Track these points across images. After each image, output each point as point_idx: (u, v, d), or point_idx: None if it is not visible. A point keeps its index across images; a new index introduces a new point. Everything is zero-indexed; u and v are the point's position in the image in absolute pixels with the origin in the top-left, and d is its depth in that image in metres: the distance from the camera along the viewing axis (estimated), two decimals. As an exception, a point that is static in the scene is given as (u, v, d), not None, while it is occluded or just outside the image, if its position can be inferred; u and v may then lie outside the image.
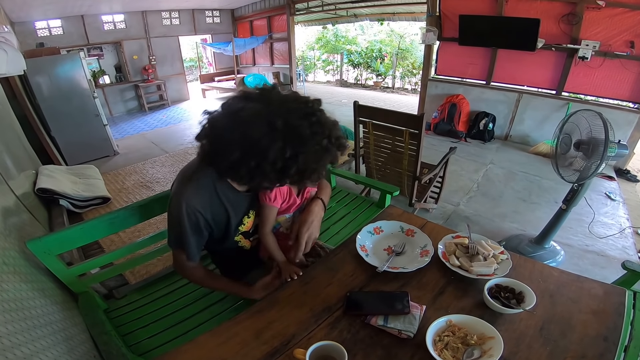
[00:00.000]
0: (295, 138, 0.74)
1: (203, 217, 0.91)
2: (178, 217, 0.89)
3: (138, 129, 5.85)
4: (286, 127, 0.73)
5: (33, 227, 1.87)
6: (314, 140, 0.76)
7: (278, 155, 0.73)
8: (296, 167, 0.76)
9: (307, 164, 0.76)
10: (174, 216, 0.91)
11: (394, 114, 2.19)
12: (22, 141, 2.92)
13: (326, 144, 0.79)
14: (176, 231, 0.93)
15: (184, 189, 0.90)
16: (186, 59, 10.16)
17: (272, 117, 0.74)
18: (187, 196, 0.88)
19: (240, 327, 0.82)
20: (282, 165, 0.75)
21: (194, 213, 0.89)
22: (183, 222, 0.89)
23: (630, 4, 3.19)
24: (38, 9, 5.20)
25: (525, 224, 2.59)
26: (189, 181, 0.91)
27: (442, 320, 0.77)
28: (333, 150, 0.82)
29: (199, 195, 0.90)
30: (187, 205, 0.88)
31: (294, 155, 0.75)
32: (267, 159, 0.74)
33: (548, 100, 4.05)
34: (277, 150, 0.73)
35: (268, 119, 0.74)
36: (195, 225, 0.92)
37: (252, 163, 0.74)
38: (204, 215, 0.91)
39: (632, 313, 0.84)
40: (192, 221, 0.90)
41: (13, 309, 0.84)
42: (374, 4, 6.33)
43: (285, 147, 0.74)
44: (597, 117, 1.64)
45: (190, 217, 0.89)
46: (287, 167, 0.75)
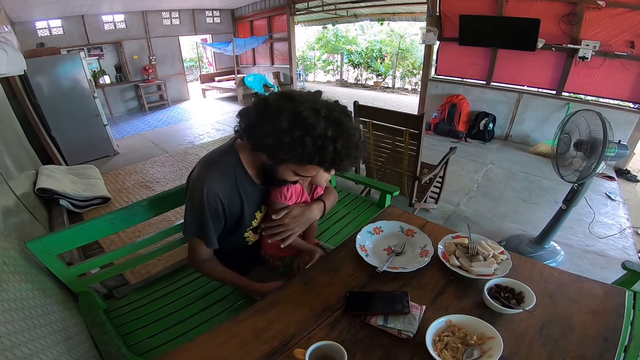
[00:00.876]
0: (335, 124, 0.83)
1: (222, 205, 0.95)
2: (200, 201, 0.92)
3: (138, 129, 5.86)
4: (328, 115, 0.83)
5: (33, 227, 1.87)
6: (350, 131, 0.85)
7: (321, 133, 0.80)
8: (333, 148, 0.82)
9: (343, 148, 0.83)
10: (194, 201, 0.93)
11: (394, 114, 2.19)
12: (22, 141, 2.92)
13: (357, 138, 0.88)
14: (196, 217, 0.95)
15: (207, 173, 0.93)
16: (186, 59, 10.18)
17: (317, 105, 0.84)
18: (209, 181, 0.91)
19: (240, 327, 0.82)
20: (322, 143, 0.81)
21: (215, 199, 0.92)
22: (204, 207, 0.92)
23: (631, 4, 3.19)
24: (38, 9, 5.20)
25: (526, 224, 2.59)
26: (212, 166, 0.94)
27: (442, 321, 0.77)
28: (362, 147, 0.91)
29: (221, 182, 0.93)
30: (209, 190, 0.91)
31: (334, 138, 0.81)
32: (311, 133, 0.80)
33: (548, 101, 4.05)
34: (321, 128, 0.80)
35: (314, 106, 0.83)
36: (215, 212, 0.94)
37: (297, 134, 0.80)
38: (223, 202, 0.95)
39: (632, 313, 0.84)
40: (212, 207, 0.93)
41: (13, 309, 0.84)
42: (374, 4, 6.33)
43: (327, 128, 0.81)
44: (597, 117, 1.64)
45: (210, 203, 0.92)
46: (326, 146, 0.81)
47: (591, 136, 1.67)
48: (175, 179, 3.55)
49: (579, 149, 1.73)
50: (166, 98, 7.45)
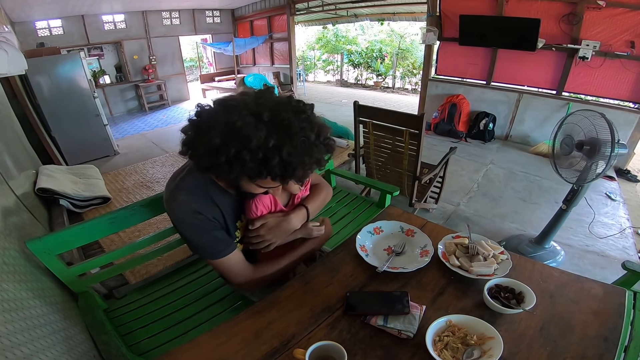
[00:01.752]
0: (281, 129, 0.72)
1: (206, 217, 0.87)
2: (189, 226, 0.86)
3: (138, 129, 5.86)
4: (272, 118, 0.72)
5: (33, 226, 1.87)
6: (301, 134, 0.73)
7: (260, 144, 0.70)
8: (279, 158, 0.71)
9: (291, 156, 0.72)
10: (185, 229, 0.88)
11: (394, 114, 2.19)
12: (22, 141, 2.92)
13: (313, 139, 0.76)
14: (200, 241, 0.89)
15: (175, 198, 0.87)
16: (186, 59, 10.17)
17: (259, 108, 0.73)
18: (181, 203, 0.85)
19: (240, 327, 0.82)
20: (263, 155, 0.71)
21: (196, 216, 0.85)
22: (194, 226, 0.86)
23: (631, 4, 3.19)
24: (38, 9, 5.20)
25: (526, 224, 2.59)
26: (176, 191, 0.88)
27: (442, 321, 0.77)
28: (320, 148, 0.78)
29: (193, 200, 0.87)
30: (186, 211, 0.85)
31: (277, 146, 0.71)
32: (247, 147, 0.70)
33: (548, 101, 4.05)
34: (260, 139, 0.70)
35: (255, 110, 0.73)
36: (204, 224, 0.87)
37: (232, 150, 0.70)
38: (206, 215, 0.88)
39: (632, 313, 0.84)
40: (199, 221, 0.86)
41: (13, 309, 0.84)
42: (374, 4, 6.33)
43: (268, 137, 0.70)
44: (600, 117, 1.63)
45: (196, 219, 0.86)
46: (269, 158, 0.71)
47: (595, 137, 1.65)
48: (175, 179, 3.55)
49: (581, 150, 1.72)
50: (166, 98, 7.45)
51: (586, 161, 1.74)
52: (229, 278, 0.98)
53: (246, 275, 0.97)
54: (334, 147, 0.85)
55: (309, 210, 1.06)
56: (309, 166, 0.76)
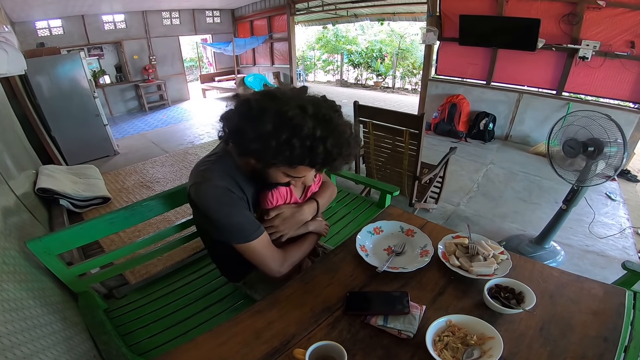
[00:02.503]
0: (324, 122, 0.78)
1: (238, 196, 0.89)
2: (222, 205, 0.86)
3: (138, 129, 5.86)
4: (316, 112, 0.78)
5: (33, 226, 1.87)
6: (340, 128, 0.81)
7: (309, 133, 0.76)
8: (323, 148, 0.77)
9: (334, 147, 0.79)
10: (217, 209, 0.87)
11: (394, 114, 2.19)
12: (22, 141, 2.92)
13: (349, 134, 0.83)
14: (233, 221, 0.88)
15: (208, 178, 0.88)
16: (186, 58, 10.17)
17: (304, 102, 0.79)
18: (214, 182, 0.87)
19: (240, 327, 0.82)
20: (310, 144, 0.77)
21: (229, 194, 0.87)
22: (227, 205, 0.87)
23: (631, 4, 3.19)
24: (38, 9, 5.20)
25: (526, 224, 2.59)
26: (207, 172, 0.90)
27: (442, 321, 0.77)
28: (353, 143, 0.85)
29: (225, 180, 0.89)
30: (216, 187, 0.86)
31: (323, 137, 0.77)
32: (298, 135, 0.76)
33: (548, 101, 4.05)
34: (309, 129, 0.76)
35: (300, 104, 0.78)
36: (237, 203, 0.88)
37: (284, 136, 0.75)
38: (238, 194, 0.89)
39: (632, 313, 0.84)
40: (232, 200, 0.87)
41: (13, 309, 0.84)
42: (374, 4, 6.33)
43: (315, 127, 0.76)
44: (607, 119, 1.62)
45: (229, 197, 0.87)
46: (315, 147, 0.77)
47: (601, 139, 1.63)
48: (175, 179, 3.55)
49: (585, 152, 1.70)
50: (166, 98, 7.45)
51: (590, 163, 1.72)
52: (264, 263, 0.96)
53: (280, 258, 0.98)
54: (361, 144, 0.91)
55: (319, 204, 1.11)
56: (345, 157, 0.84)
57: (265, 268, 0.97)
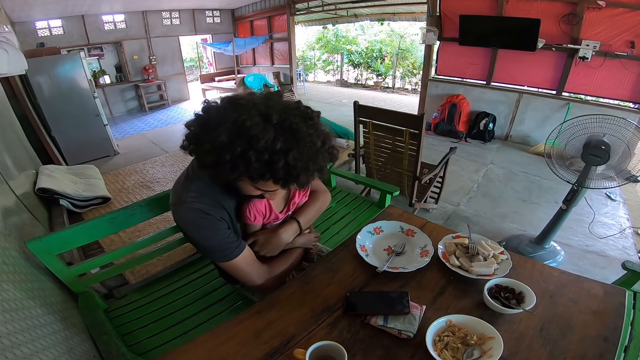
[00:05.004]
0: (289, 133, 0.72)
1: (215, 217, 0.87)
2: (199, 227, 0.85)
3: (138, 129, 5.86)
4: (281, 121, 0.72)
5: (33, 226, 1.87)
6: (308, 139, 0.73)
7: (267, 146, 0.69)
8: (284, 162, 0.70)
9: (297, 161, 0.71)
10: (195, 232, 0.86)
11: (394, 114, 2.19)
12: (22, 141, 2.92)
13: (319, 146, 0.75)
14: (210, 243, 0.87)
15: (183, 201, 0.86)
16: (186, 59, 10.17)
17: (269, 110, 0.72)
18: (189, 204, 0.85)
19: (240, 327, 0.82)
20: (269, 157, 0.69)
21: (205, 217, 0.85)
22: (204, 228, 0.85)
23: (631, 4, 3.19)
24: (38, 9, 5.20)
25: (526, 224, 2.59)
26: (184, 192, 0.87)
27: (442, 321, 0.77)
28: (325, 156, 0.78)
29: (201, 201, 0.86)
30: (194, 213, 0.84)
31: (284, 150, 0.70)
32: (254, 147, 0.68)
33: (548, 101, 4.05)
34: (267, 141, 0.69)
35: (264, 111, 0.72)
36: (214, 224, 0.86)
37: (238, 149, 0.69)
38: (215, 216, 0.87)
39: (632, 313, 0.84)
40: (209, 222, 0.85)
41: (13, 309, 0.84)
42: (374, 4, 6.33)
43: (276, 139, 0.69)
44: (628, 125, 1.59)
45: (205, 220, 0.85)
46: (275, 160, 0.70)
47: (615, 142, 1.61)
48: (175, 179, 3.53)
49: (597, 155, 1.66)
50: (166, 98, 7.44)
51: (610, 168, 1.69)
52: (248, 279, 0.96)
53: (263, 274, 0.98)
54: (337, 156, 0.85)
55: (300, 224, 1.07)
56: (312, 172, 0.75)
57: (246, 281, 0.98)
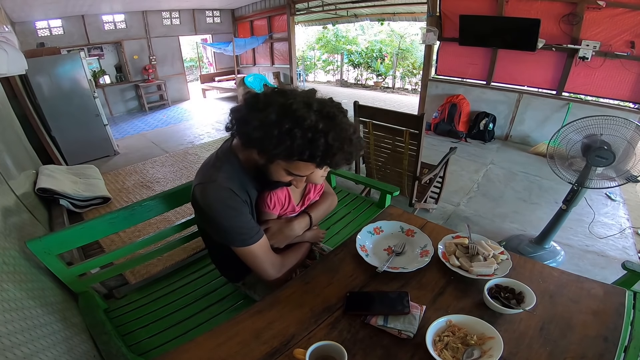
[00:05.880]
0: (327, 118, 0.80)
1: (241, 199, 0.90)
2: (225, 207, 0.87)
3: (138, 129, 5.86)
4: (320, 109, 0.81)
5: (33, 226, 1.87)
6: (343, 125, 0.82)
7: (311, 125, 0.77)
8: (325, 141, 0.78)
9: (335, 141, 0.79)
10: (219, 211, 0.88)
11: (394, 114, 2.19)
12: (22, 141, 2.92)
13: (351, 133, 0.84)
14: (233, 224, 0.89)
15: (213, 176, 0.89)
16: (186, 59, 10.17)
17: (309, 99, 0.82)
18: (219, 181, 0.88)
19: (240, 327, 0.82)
20: (312, 135, 0.77)
21: (233, 196, 0.88)
22: (229, 208, 0.88)
23: (631, 4, 3.19)
24: (39, 9, 5.20)
25: (526, 224, 2.59)
26: (215, 170, 0.91)
27: (442, 321, 0.77)
28: (356, 143, 0.86)
29: (230, 182, 0.89)
30: (221, 188, 0.88)
31: (324, 130, 0.78)
32: (300, 125, 0.77)
33: (548, 101, 4.04)
34: (312, 121, 0.77)
35: (305, 100, 0.81)
36: (239, 206, 0.89)
37: (286, 126, 0.77)
38: (241, 197, 0.90)
39: (632, 313, 0.84)
40: (235, 202, 0.89)
41: (13, 309, 0.84)
42: (374, 4, 6.33)
43: (318, 121, 0.78)
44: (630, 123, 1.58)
45: (232, 200, 0.88)
46: (316, 139, 0.78)
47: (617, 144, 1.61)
48: (175, 179, 3.55)
49: (603, 156, 1.65)
50: (166, 98, 7.44)
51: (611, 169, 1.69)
52: (261, 267, 0.97)
53: (277, 265, 1.00)
54: (364, 148, 0.91)
55: (312, 218, 1.11)
56: (346, 155, 0.84)
57: (262, 272, 0.98)
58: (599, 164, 1.70)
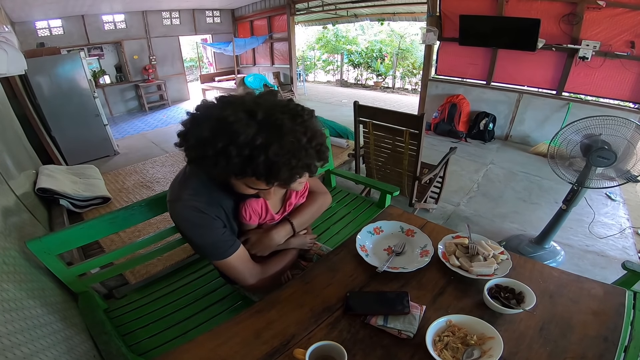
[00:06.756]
0: (272, 129, 0.71)
1: (210, 216, 0.87)
2: (193, 225, 0.86)
3: (138, 129, 5.86)
4: (266, 118, 0.72)
5: (33, 226, 1.87)
6: (291, 135, 0.72)
7: (247, 141, 0.69)
8: (264, 157, 0.69)
9: (277, 156, 0.70)
10: (189, 229, 0.87)
11: (394, 114, 2.19)
12: (22, 141, 2.92)
13: (304, 142, 0.74)
14: (204, 242, 0.88)
15: (180, 198, 0.87)
16: (186, 58, 10.17)
17: (255, 107, 0.73)
18: (185, 202, 0.85)
19: (240, 327, 0.82)
20: (249, 152, 0.70)
21: (200, 215, 0.85)
22: (198, 226, 0.86)
23: (631, 4, 3.19)
24: (39, 9, 5.20)
25: (526, 224, 2.59)
26: (181, 190, 0.88)
27: (442, 321, 0.77)
28: (310, 153, 0.76)
29: (197, 199, 0.86)
30: (190, 211, 0.85)
31: (264, 145, 0.70)
32: (234, 142, 0.69)
33: (548, 101, 4.05)
34: (248, 135, 0.69)
35: (250, 108, 0.73)
36: (209, 223, 0.87)
37: (220, 144, 0.70)
38: (210, 214, 0.87)
39: (632, 313, 0.84)
40: (204, 220, 0.86)
41: (13, 309, 0.84)
42: (374, 4, 6.33)
43: (257, 134, 0.70)
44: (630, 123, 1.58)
45: (200, 218, 0.86)
46: (254, 155, 0.70)
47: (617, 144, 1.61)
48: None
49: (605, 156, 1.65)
50: (166, 98, 7.44)
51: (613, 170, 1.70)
52: (240, 278, 0.97)
53: (257, 274, 0.99)
54: (327, 156, 0.84)
55: (293, 225, 1.06)
56: (296, 169, 0.74)
57: (241, 281, 0.98)
58: (600, 164, 1.69)
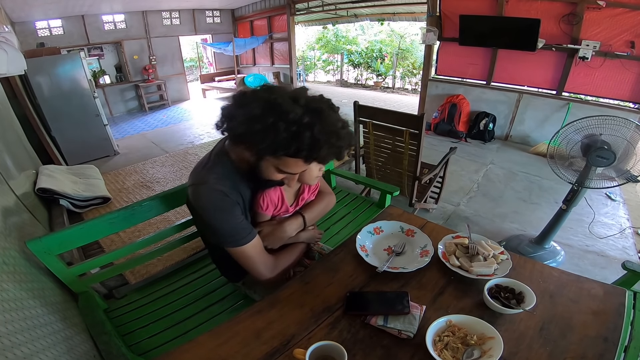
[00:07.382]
0: (314, 112, 0.80)
1: (233, 200, 0.90)
2: (216, 209, 0.88)
3: (138, 129, 5.86)
4: (307, 104, 0.81)
5: (33, 226, 1.87)
6: (331, 119, 0.82)
7: (295, 118, 0.77)
8: (310, 135, 0.77)
9: (321, 134, 0.78)
10: (211, 212, 0.89)
11: (394, 114, 2.19)
12: (22, 141, 2.92)
13: (339, 127, 0.84)
14: (225, 225, 0.89)
15: (205, 178, 0.90)
16: (186, 59, 10.17)
17: (297, 95, 0.82)
18: (210, 182, 0.89)
19: (240, 327, 0.82)
20: (296, 129, 0.77)
21: (224, 198, 0.88)
22: (221, 210, 0.88)
23: (631, 4, 3.19)
24: (38, 9, 5.20)
25: (526, 224, 2.59)
26: (208, 171, 0.91)
27: (442, 321, 0.77)
28: (344, 137, 0.85)
29: (222, 183, 0.89)
30: (213, 190, 0.88)
31: (310, 124, 0.78)
32: (283, 119, 0.76)
33: (548, 101, 4.04)
34: (296, 114, 0.77)
35: (292, 95, 0.81)
36: (231, 207, 0.90)
37: (270, 119, 0.77)
38: (233, 198, 0.90)
39: (632, 313, 0.84)
40: (227, 203, 0.89)
41: (13, 309, 0.84)
42: (374, 4, 6.33)
43: (303, 115, 0.78)
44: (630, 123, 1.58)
45: (224, 201, 0.88)
46: (301, 132, 0.77)
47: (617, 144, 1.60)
48: (175, 179, 3.55)
49: (604, 156, 1.65)
50: (166, 98, 7.44)
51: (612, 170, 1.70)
52: (254, 268, 0.97)
53: (270, 265, 1.00)
54: (354, 142, 0.91)
55: (305, 219, 1.09)
56: (333, 149, 0.83)
57: (255, 272, 0.98)
58: (599, 164, 1.69)
